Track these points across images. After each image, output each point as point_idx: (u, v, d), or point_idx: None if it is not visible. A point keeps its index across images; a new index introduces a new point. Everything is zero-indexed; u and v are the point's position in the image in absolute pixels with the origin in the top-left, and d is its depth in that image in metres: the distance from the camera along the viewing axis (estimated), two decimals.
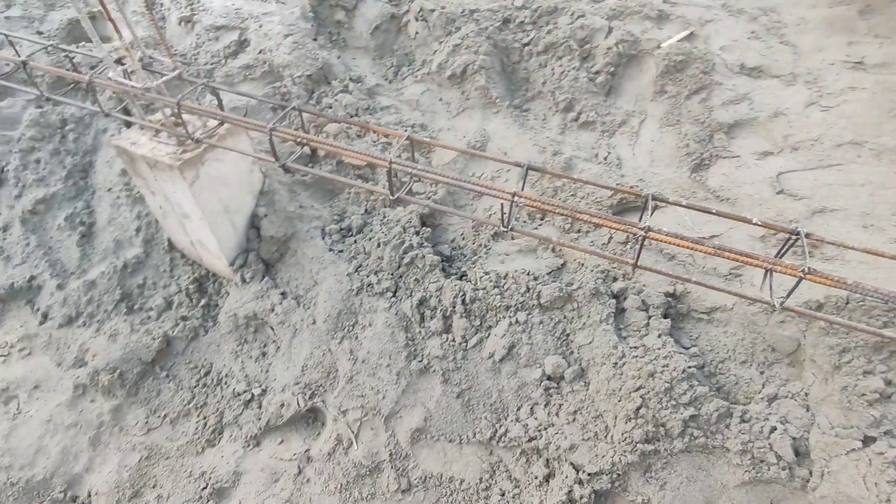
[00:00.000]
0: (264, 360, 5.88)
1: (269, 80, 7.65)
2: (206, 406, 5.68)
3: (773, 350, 4.67)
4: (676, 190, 6.44)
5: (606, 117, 7.68)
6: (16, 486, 5.06)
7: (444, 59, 8.26)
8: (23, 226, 6.61)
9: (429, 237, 6.13)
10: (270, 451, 5.24)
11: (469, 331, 5.43)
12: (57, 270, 6.44)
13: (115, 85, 4.85)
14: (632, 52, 8.04)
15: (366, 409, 5.23)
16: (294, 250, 6.30)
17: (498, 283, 5.55)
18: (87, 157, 6.97)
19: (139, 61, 4.92)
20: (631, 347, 4.79)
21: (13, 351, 5.92)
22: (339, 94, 7.73)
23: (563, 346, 5.15)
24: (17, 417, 5.46)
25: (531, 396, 5.03)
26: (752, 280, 5.15)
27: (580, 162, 7.02)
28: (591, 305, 5.17)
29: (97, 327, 6.12)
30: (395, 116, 7.75)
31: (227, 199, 5.84)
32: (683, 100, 7.49)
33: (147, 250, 6.45)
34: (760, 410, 4.28)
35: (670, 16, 8.47)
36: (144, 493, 5.08)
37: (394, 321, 5.61)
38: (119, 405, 5.63)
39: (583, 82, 7.90)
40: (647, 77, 7.91)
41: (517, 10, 8.56)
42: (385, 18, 8.82)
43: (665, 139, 7.20)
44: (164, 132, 5.39)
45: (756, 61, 7.61)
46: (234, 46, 7.85)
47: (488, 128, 7.65)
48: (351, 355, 5.55)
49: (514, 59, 8.44)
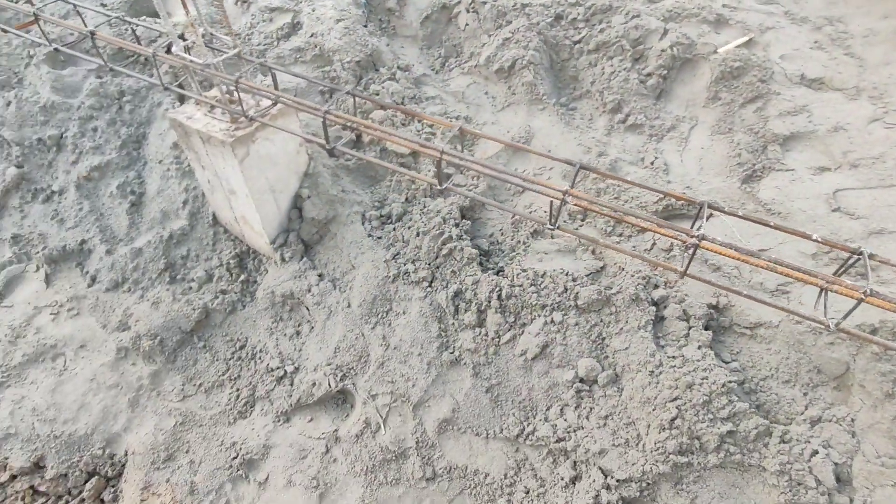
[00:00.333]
0: (298, 338, 5.98)
1: (318, 63, 7.73)
2: (239, 378, 5.83)
3: (818, 372, 4.51)
4: (725, 200, 6.26)
5: (655, 121, 7.51)
6: (59, 439, 5.29)
7: (492, 52, 8.19)
8: (77, 191, 6.86)
9: (468, 230, 6.12)
10: (300, 427, 5.34)
11: (503, 326, 5.41)
12: (106, 236, 6.67)
13: (178, 60, 4.97)
14: (686, 55, 7.83)
15: (395, 396, 5.28)
16: (334, 233, 6.38)
17: (535, 281, 5.51)
18: (142, 128, 7.18)
19: (201, 36, 5.03)
20: (669, 357, 4.70)
21: (62, 310, 6.18)
22: (387, 81, 7.76)
23: (597, 350, 5.09)
24: (62, 374, 5.71)
25: (562, 397, 4.99)
26: (800, 298, 4.98)
27: (625, 165, 6.90)
28: (629, 311, 5.09)
29: (141, 294, 6.33)
30: (440, 107, 7.74)
31: (273, 178, 5.94)
32: (738, 108, 7.26)
33: (192, 223, 6.63)
34: (802, 432, 4.16)
35: (729, 20, 8.20)
36: (178, 457, 5.25)
37: (428, 311, 5.63)
38: (158, 370, 5.83)
39: (633, 84, 7.73)
40: (701, 82, 7.70)
41: (570, 7, 8.42)
42: (436, 8, 8.80)
43: (715, 147, 7.01)
44: (219, 108, 5.50)
45: (818, 72, 7.31)
46: (287, 28, 7.95)
47: (533, 124, 7.58)
48: (383, 341, 5.60)
49: (563, 57, 8.31)
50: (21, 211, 6.81)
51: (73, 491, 5.14)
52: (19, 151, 6.90)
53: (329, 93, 7.54)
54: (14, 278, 6.47)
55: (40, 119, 7.02)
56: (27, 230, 6.72)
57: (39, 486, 5.10)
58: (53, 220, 6.79)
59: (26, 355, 5.78)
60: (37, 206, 6.87)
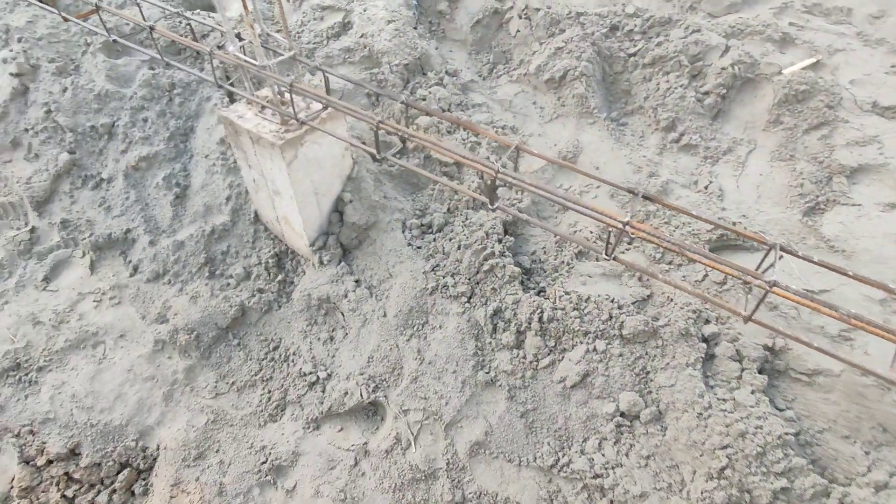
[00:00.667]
0: (332, 344, 5.94)
1: (366, 65, 7.66)
2: (271, 380, 5.82)
3: (884, 430, 4.22)
4: (784, 233, 5.94)
5: (711, 142, 7.19)
6: (95, 428, 5.37)
7: (543, 61, 7.98)
8: (125, 180, 6.97)
9: (511, 246, 5.96)
10: (329, 436, 5.30)
11: (542, 350, 5.25)
12: (150, 226, 6.75)
13: (234, 59, 4.94)
14: (748, 74, 7.47)
15: (427, 413, 5.18)
16: (373, 239, 6.30)
17: (578, 305, 5.33)
18: (190, 121, 7.24)
19: (258, 36, 4.99)
20: (719, 399, 4.46)
21: (104, 298, 6.28)
22: (434, 86, 7.63)
23: (641, 384, 4.88)
24: (102, 362, 5.80)
25: (600, 430, 4.81)
26: (865, 347, 4.67)
27: (677, 187, 6.63)
28: (677, 346, 4.86)
29: (181, 287, 6.38)
30: (486, 115, 7.58)
31: (318, 180, 5.89)
32: (801, 134, 6.89)
33: (234, 219, 6.65)
34: (865, 497, 3.88)
35: (795, 40, 7.80)
36: (208, 455, 5.27)
37: (465, 327, 5.51)
38: (192, 365, 5.86)
39: (689, 102, 7.43)
40: (762, 104, 7.34)
41: (627, 18, 8.13)
42: (488, 13, 8.62)
43: (775, 174, 6.67)
44: (270, 109, 5.47)
45: (892, 100, 6.87)
46: (338, 28, 7.90)
47: (582, 138, 7.35)
48: (418, 355, 5.51)
49: (616, 69, 8.05)
50: (71, 196, 6.95)
51: (105, 481, 5.21)
52: (72, 138, 7.04)
53: (376, 97, 7.46)
54: (61, 263, 6.61)
55: (94, 107, 7.15)
56: (75, 216, 6.85)
57: (74, 473, 5.18)
58: (101, 207, 6.91)
59: (69, 341, 5.89)
60: (86, 193, 7.00)
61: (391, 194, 6.59)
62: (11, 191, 6.99)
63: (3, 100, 7.11)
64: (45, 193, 6.90)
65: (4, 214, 6.92)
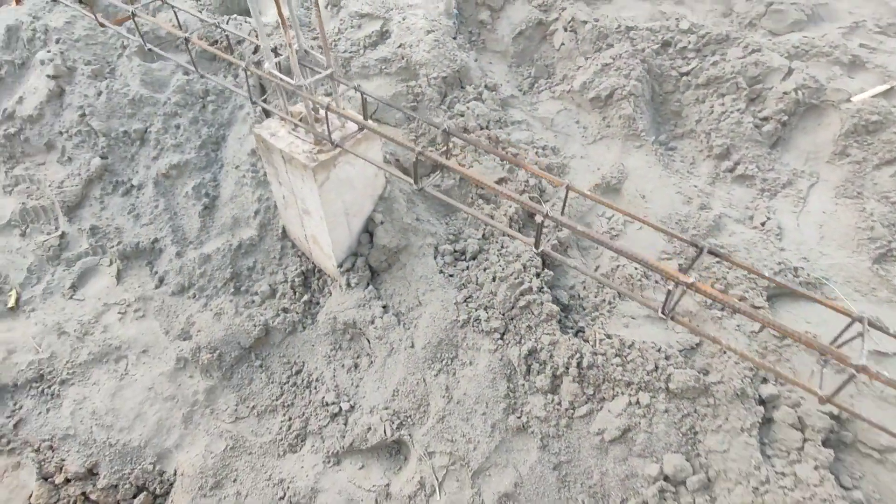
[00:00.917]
0: (356, 372, 5.71)
1: (403, 76, 7.38)
2: (293, 406, 5.62)
3: None
4: (850, 280, 5.45)
5: (769, 173, 6.69)
6: (113, 448, 5.26)
7: (588, 78, 7.57)
8: (155, 187, 6.85)
9: (549, 280, 5.62)
10: (350, 474, 5.07)
11: (579, 398, 4.91)
12: (178, 237, 6.62)
13: (270, 77, 4.71)
14: (812, 100, 6.93)
15: (454, 457, 4.90)
16: (403, 263, 6.03)
17: (621, 351, 4.97)
18: (222, 130, 7.08)
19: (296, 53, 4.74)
20: (778, 473, 4.06)
21: (129, 310, 6.18)
22: (472, 101, 7.31)
23: (688, 446, 4.49)
24: (123, 378, 5.69)
25: (641, 492, 4.45)
26: None
27: (731, 222, 6.17)
28: (731, 406, 4.46)
29: (205, 302, 6.23)
30: (526, 133, 7.23)
31: (349, 201, 5.65)
32: (871, 169, 6.35)
33: (261, 234, 6.47)
34: None
35: (866, 63, 7.21)
36: (225, 485, 5.10)
37: (497, 366, 5.20)
38: (213, 386, 5.71)
39: (746, 127, 6.93)
40: (827, 134, 6.80)
41: (681, 34, 7.65)
42: (531, 24, 8.24)
43: (840, 214, 6.14)
44: (303, 128, 5.23)
45: None
46: (375, 37, 7.63)
47: (627, 163, 6.93)
48: (446, 392, 5.22)
49: (666, 89, 7.58)
50: (101, 202, 6.87)
51: (121, 503, 5.09)
52: (105, 142, 6.95)
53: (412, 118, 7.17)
54: (88, 270, 6.53)
55: (128, 112, 7.05)
56: (105, 222, 6.77)
57: (91, 494, 5.08)
58: (130, 214, 6.81)
59: (92, 354, 5.80)
60: (116, 199, 6.91)
61: (424, 216, 6.31)
62: (43, 194, 6.95)
63: (40, 101, 7.06)
64: (76, 198, 6.83)
65: (36, 218, 6.89)
